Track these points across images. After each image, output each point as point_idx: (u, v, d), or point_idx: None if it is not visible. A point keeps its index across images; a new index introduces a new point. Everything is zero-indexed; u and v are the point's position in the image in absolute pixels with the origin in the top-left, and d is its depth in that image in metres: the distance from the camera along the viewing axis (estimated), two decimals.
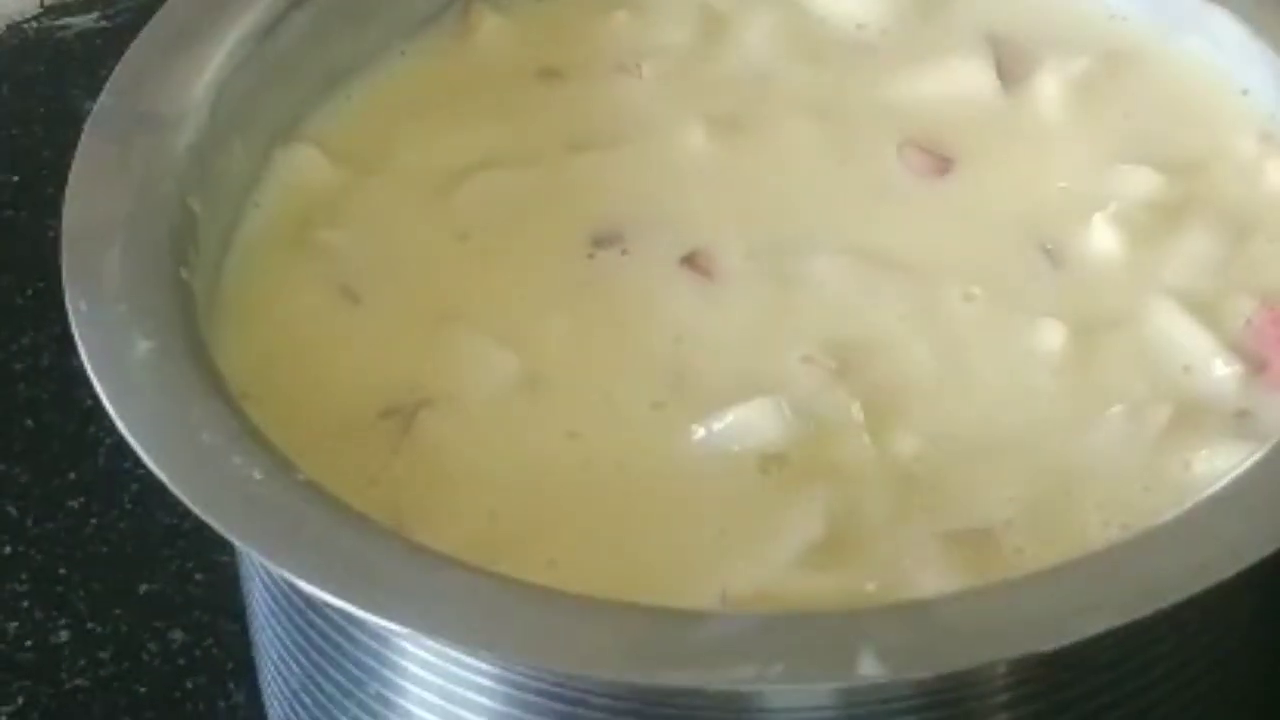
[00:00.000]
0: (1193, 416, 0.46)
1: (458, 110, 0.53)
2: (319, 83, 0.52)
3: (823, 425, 0.46)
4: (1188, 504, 0.41)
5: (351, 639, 0.44)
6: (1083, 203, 0.50)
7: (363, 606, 0.39)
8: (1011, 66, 0.53)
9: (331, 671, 0.46)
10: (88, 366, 0.43)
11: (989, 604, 0.39)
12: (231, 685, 0.55)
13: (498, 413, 0.47)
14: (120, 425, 0.42)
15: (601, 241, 0.50)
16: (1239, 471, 0.41)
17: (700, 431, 0.46)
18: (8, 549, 0.59)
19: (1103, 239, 0.49)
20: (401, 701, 0.44)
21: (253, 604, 0.49)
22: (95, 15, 0.75)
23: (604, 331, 0.47)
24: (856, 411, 0.46)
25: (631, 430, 0.46)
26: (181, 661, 0.56)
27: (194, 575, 0.59)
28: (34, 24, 0.75)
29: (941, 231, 0.50)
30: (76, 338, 0.44)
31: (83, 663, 0.56)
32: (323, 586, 0.39)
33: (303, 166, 0.51)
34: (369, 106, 0.53)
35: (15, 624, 0.57)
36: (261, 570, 0.47)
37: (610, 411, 0.47)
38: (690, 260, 0.49)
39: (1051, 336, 0.47)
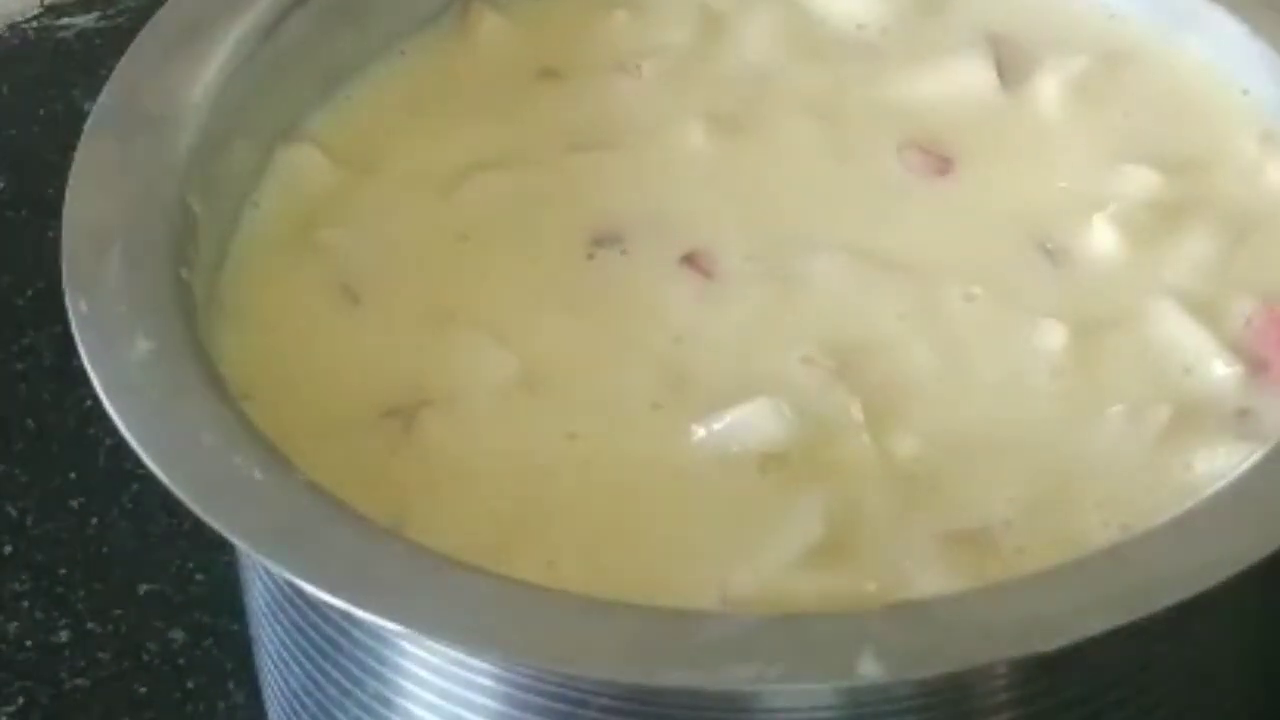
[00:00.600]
0: (1193, 417, 0.46)
1: (458, 110, 0.53)
2: (319, 83, 0.53)
3: (823, 425, 0.46)
4: (1188, 504, 0.42)
5: (351, 639, 0.44)
6: (1083, 203, 0.50)
7: (363, 606, 0.39)
8: (1011, 66, 0.53)
9: (331, 671, 0.46)
10: (88, 366, 0.43)
11: (989, 604, 0.40)
12: (231, 685, 0.56)
13: (498, 413, 0.47)
14: (120, 425, 0.42)
15: (601, 241, 0.50)
16: (1239, 471, 0.42)
17: (700, 431, 0.46)
18: (8, 549, 0.59)
19: (1103, 239, 0.49)
20: (401, 701, 0.44)
21: (253, 604, 0.50)
22: (95, 15, 0.75)
23: (604, 331, 0.48)
24: (856, 411, 0.46)
25: (631, 430, 0.46)
26: (181, 661, 0.57)
27: (194, 575, 0.59)
28: (34, 24, 0.75)
29: (941, 231, 0.50)
30: (76, 338, 0.44)
31: (83, 663, 0.57)
32: (323, 586, 0.40)
33: (303, 166, 0.51)
34: (369, 106, 0.53)
35: (15, 624, 0.58)
36: (261, 570, 0.47)
37: (610, 411, 0.47)
38: (690, 260, 0.49)
39: (1052, 336, 0.47)
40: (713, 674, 0.39)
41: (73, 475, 0.61)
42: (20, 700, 0.56)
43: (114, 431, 0.42)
